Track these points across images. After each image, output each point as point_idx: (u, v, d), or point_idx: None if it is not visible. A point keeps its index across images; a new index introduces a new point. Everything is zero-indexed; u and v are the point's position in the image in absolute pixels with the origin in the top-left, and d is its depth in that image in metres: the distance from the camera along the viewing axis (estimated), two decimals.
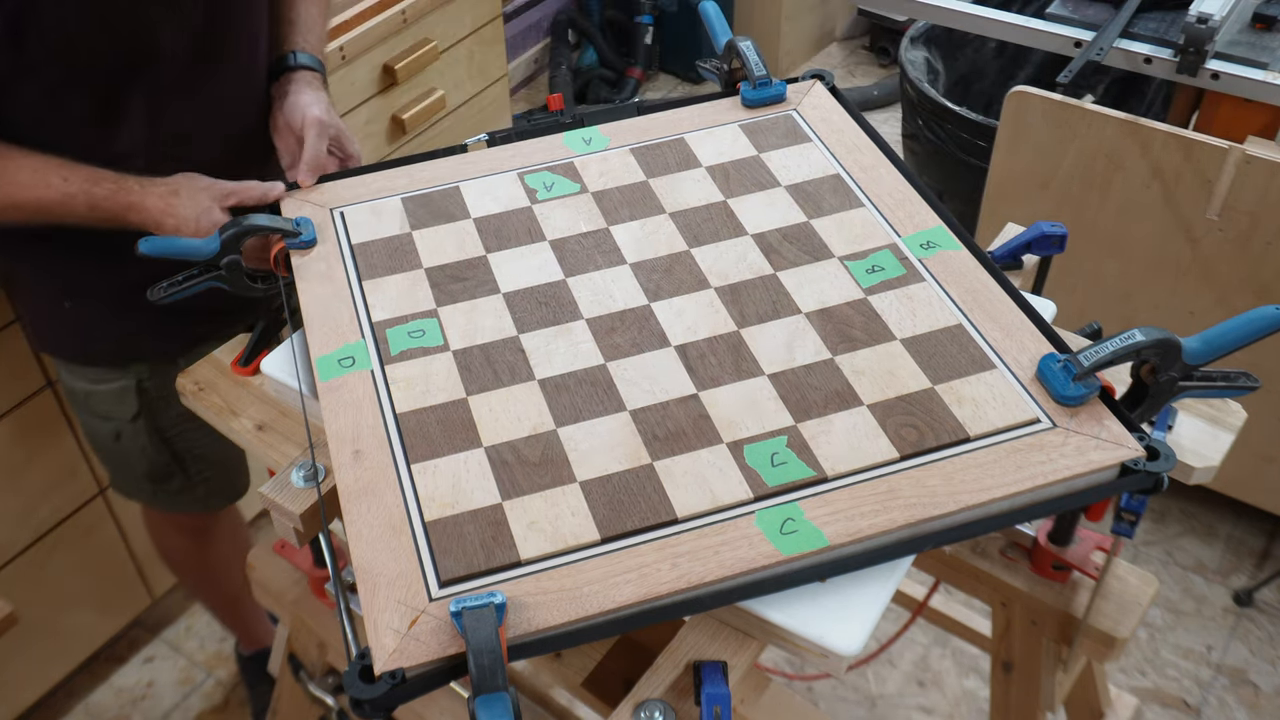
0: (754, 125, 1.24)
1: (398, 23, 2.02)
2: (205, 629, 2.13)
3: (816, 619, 0.84)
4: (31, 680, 1.89)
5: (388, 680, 0.77)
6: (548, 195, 1.17)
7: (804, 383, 0.96)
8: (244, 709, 2.00)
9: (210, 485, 1.58)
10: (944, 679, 2.02)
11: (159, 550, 1.79)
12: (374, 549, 0.85)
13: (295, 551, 1.31)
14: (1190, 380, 0.92)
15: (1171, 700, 1.97)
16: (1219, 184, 1.72)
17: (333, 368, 1.00)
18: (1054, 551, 1.09)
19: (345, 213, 1.16)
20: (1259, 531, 2.22)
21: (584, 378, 0.97)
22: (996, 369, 0.96)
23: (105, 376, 1.43)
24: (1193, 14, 1.75)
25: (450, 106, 2.24)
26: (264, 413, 1.14)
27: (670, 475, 0.89)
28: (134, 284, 1.25)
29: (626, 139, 1.24)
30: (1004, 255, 1.17)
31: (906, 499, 0.86)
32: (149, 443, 1.49)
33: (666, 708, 0.85)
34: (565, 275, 1.08)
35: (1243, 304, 1.82)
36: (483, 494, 0.88)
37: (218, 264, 1.10)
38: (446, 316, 1.04)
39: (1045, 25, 1.95)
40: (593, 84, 3.52)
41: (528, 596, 0.81)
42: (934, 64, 2.76)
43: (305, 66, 1.32)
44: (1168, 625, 2.08)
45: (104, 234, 1.21)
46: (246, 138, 1.33)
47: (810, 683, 1.98)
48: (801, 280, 1.05)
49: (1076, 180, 1.87)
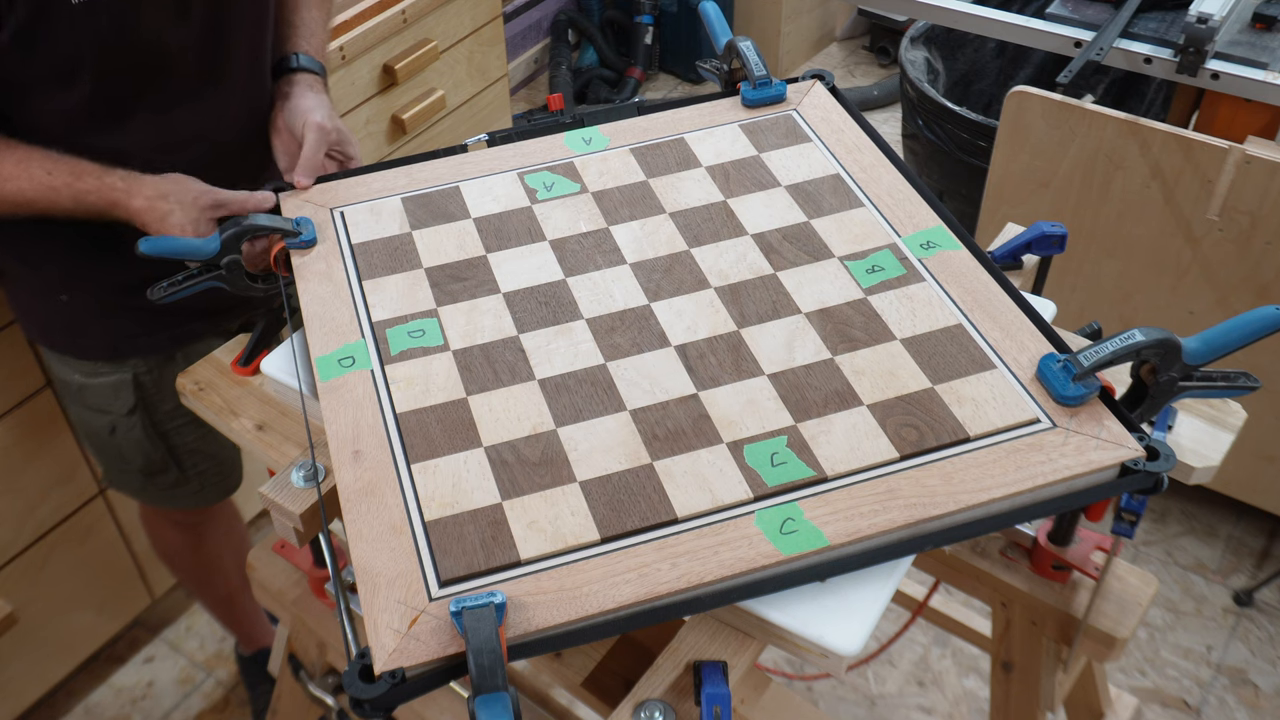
0: (754, 125, 1.24)
1: (398, 23, 2.02)
2: (205, 629, 2.13)
3: (816, 619, 0.84)
4: (31, 680, 1.89)
5: (388, 680, 0.77)
6: (548, 195, 1.17)
7: (804, 383, 0.96)
8: (244, 709, 2.00)
9: (204, 479, 1.59)
10: (944, 679, 2.02)
11: (155, 546, 1.80)
12: (374, 549, 0.85)
13: (295, 551, 1.31)
14: (1190, 380, 0.92)
15: (1171, 700, 1.97)
16: (1219, 184, 1.72)
17: (333, 368, 1.00)
18: (1054, 551, 1.09)
19: (345, 212, 1.16)
20: (1259, 531, 2.22)
21: (584, 377, 0.97)
22: (996, 369, 0.96)
23: (100, 370, 1.43)
24: (1193, 14, 1.75)
25: (450, 106, 2.24)
26: (264, 413, 1.14)
27: (670, 475, 0.89)
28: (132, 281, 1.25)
29: (626, 139, 1.24)
30: (1004, 255, 1.17)
31: (906, 499, 0.86)
32: (144, 437, 1.49)
33: (666, 708, 0.85)
34: (565, 275, 1.08)
35: (1243, 304, 1.82)
36: (483, 494, 0.88)
37: (218, 264, 1.10)
38: (446, 316, 1.04)
39: (1045, 25, 1.95)
40: (593, 84, 3.52)
41: (528, 596, 0.81)
42: (934, 64, 2.76)
43: (306, 69, 1.32)
44: (1168, 625, 2.08)
45: (103, 231, 1.21)
46: (248, 145, 1.33)
47: (810, 683, 1.98)
48: (801, 280, 1.05)
49: (1076, 180, 1.87)
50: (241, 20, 1.26)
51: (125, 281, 1.32)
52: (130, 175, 1.17)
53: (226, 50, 1.26)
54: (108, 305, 1.37)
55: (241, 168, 1.33)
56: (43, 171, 1.15)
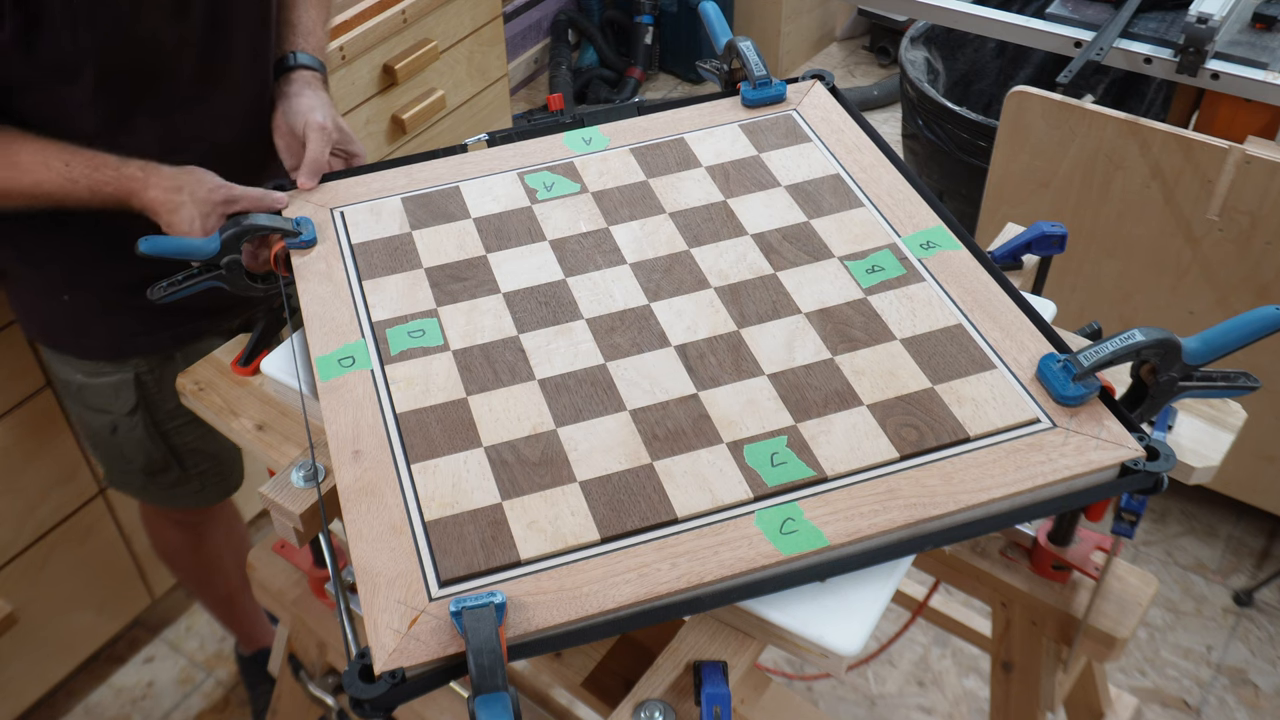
0: (754, 125, 1.24)
1: (398, 23, 2.02)
2: (205, 629, 2.13)
3: (816, 619, 0.84)
4: (31, 680, 1.89)
5: (388, 680, 0.77)
6: (548, 195, 1.17)
7: (804, 383, 0.96)
8: (244, 709, 2.00)
9: (205, 479, 1.59)
10: (944, 679, 2.02)
11: (155, 546, 1.80)
12: (374, 549, 0.85)
13: (295, 551, 1.31)
14: (1190, 380, 0.92)
15: (1171, 700, 1.96)
16: (1219, 184, 1.72)
17: (333, 367, 1.00)
18: (1054, 551, 1.09)
19: (345, 212, 1.16)
20: (1259, 531, 2.22)
21: (584, 377, 0.97)
22: (996, 369, 0.96)
23: (101, 370, 1.43)
24: (1193, 14, 1.75)
25: (450, 106, 2.24)
26: (264, 413, 1.14)
27: (670, 475, 0.89)
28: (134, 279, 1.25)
29: (626, 139, 1.24)
30: (1004, 255, 1.17)
31: (906, 499, 0.86)
32: (145, 436, 1.49)
33: (666, 708, 0.85)
34: (565, 275, 1.08)
35: (1243, 304, 1.82)
36: (483, 494, 0.88)
37: (218, 264, 1.11)
38: (446, 316, 1.04)
39: (1045, 25, 1.95)
40: (593, 84, 3.52)
41: (528, 596, 0.81)
42: (934, 64, 2.76)
43: (306, 66, 1.32)
44: (1168, 625, 2.08)
45: (105, 229, 1.21)
46: (249, 144, 1.33)
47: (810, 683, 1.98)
48: (801, 280, 1.05)
49: (1076, 180, 1.87)
50: (242, 19, 1.26)
51: (127, 280, 1.32)
52: (148, 165, 1.16)
53: (227, 49, 1.26)
54: (110, 304, 1.37)
55: (242, 166, 1.33)
56: (60, 163, 1.15)
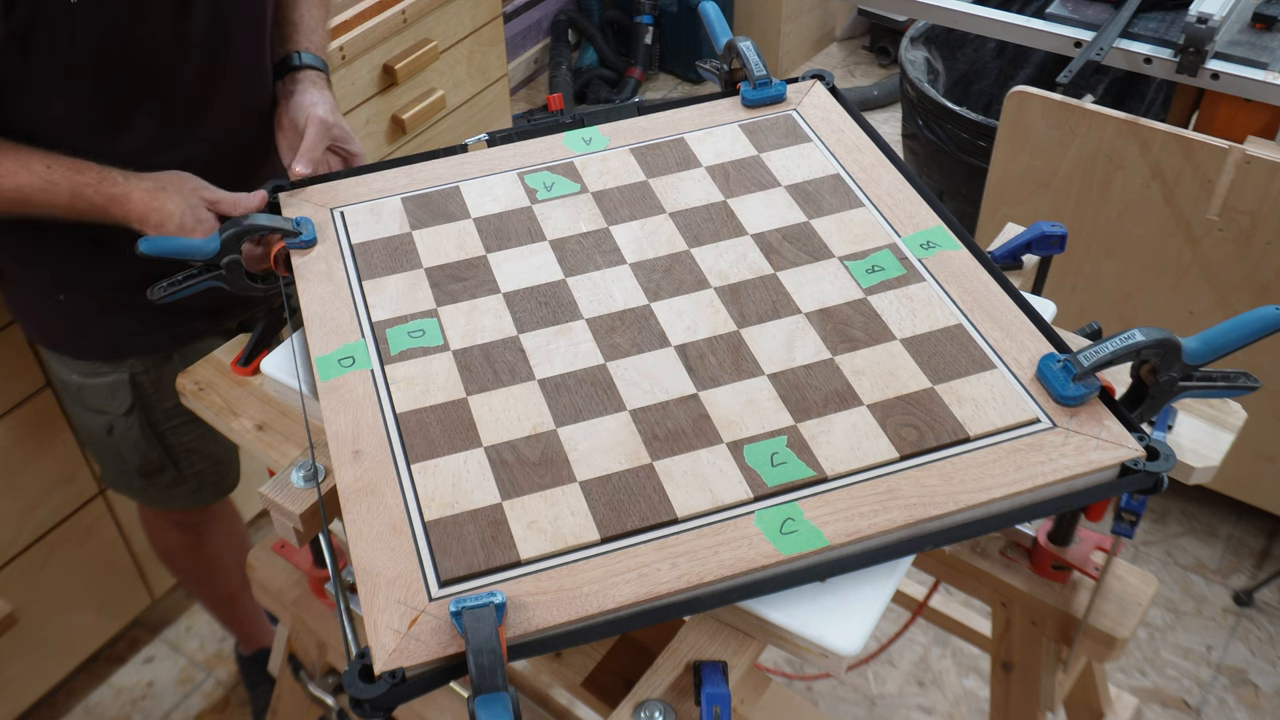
0: (754, 125, 1.24)
1: (398, 23, 2.02)
2: (205, 629, 2.13)
3: (816, 619, 0.84)
4: (31, 680, 1.89)
5: (388, 680, 0.77)
6: (548, 195, 1.17)
7: (804, 383, 0.96)
8: (244, 709, 2.00)
9: (201, 479, 1.59)
10: (944, 679, 2.02)
11: (154, 546, 1.80)
12: (374, 549, 0.85)
13: (295, 551, 1.31)
14: (1190, 380, 0.92)
15: (1171, 700, 1.96)
16: (1219, 184, 1.72)
17: (333, 367, 1.00)
18: (1054, 551, 1.09)
19: (345, 212, 1.16)
20: (1259, 531, 2.22)
21: (584, 377, 0.97)
22: (996, 369, 0.96)
23: (98, 370, 1.43)
24: (1193, 14, 1.75)
25: (450, 106, 2.24)
26: (264, 413, 1.14)
27: (670, 475, 0.89)
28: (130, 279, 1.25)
29: (626, 139, 1.24)
30: (1004, 255, 1.17)
31: (906, 499, 0.86)
32: (141, 437, 1.49)
33: (666, 708, 0.85)
34: (565, 275, 1.08)
35: (1243, 304, 1.82)
36: (483, 494, 0.88)
37: (218, 264, 1.10)
38: (446, 316, 1.04)
39: (1045, 25, 1.95)
40: (593, 84, 3.52)
41: (528, 596, 0.81)
42: (934, 64, 2.76)
43: (310, 66, 1.33)
44: (1168, 625, 2.08)
45: (100, 229, 1.21)
46: (248, 144, 1.33)
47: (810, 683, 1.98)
48: (801, 280, 1.05)
49: (1076, 180, 1.87)
50: (241, 19, 1.26)
51: (123, 280, 1.32)
52: (129, 172, 1.17)
53: (227, 49, 1.26)
54: (106, 304, 1.37)
55: (242, 166, 1.33)
56: (42, 166, 1.15)
